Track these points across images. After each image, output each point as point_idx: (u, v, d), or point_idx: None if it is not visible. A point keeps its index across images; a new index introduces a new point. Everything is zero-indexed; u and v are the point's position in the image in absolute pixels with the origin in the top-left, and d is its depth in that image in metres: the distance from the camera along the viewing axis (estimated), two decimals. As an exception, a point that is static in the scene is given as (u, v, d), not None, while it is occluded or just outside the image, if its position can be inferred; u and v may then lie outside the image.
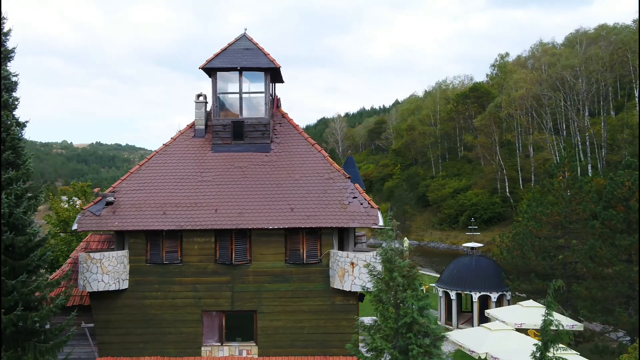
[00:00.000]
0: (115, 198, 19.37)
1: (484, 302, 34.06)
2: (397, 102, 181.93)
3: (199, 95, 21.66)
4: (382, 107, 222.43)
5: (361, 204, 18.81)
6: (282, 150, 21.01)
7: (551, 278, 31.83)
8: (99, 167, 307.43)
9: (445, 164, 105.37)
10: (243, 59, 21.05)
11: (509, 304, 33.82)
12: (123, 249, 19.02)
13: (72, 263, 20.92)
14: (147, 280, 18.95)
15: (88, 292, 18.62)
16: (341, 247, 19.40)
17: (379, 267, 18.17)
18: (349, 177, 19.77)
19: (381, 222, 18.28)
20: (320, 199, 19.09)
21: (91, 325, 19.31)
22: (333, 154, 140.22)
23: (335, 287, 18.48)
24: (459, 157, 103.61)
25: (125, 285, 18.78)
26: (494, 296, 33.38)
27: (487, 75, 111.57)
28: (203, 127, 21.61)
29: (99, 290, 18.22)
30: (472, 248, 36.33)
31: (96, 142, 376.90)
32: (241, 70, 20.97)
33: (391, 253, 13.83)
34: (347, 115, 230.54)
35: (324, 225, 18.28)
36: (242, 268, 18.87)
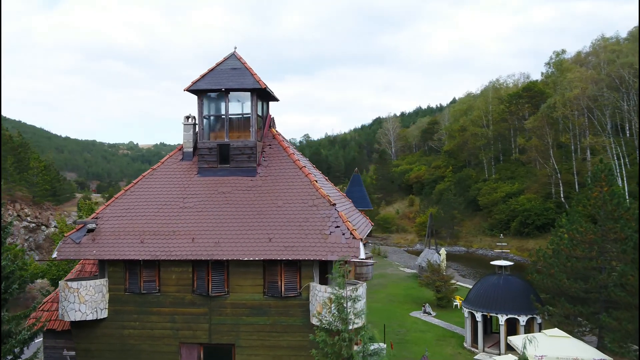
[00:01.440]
0: (97, 225, 19.13)
1: (513, 326, 31.91)
2: (454, 101, 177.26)
3: (187, 117, 21.15)
4: (438, 105, 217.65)
5: (343, 234, 17.65)
6: (269, 174, 20.16)
7: (584, 303, 29.43)
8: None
9: (498, 166, 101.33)
10: (229, 79, 20.34)
11: (539, 329, 31.58)
12: (104, 277, 18.75)
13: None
14: (125, 310, 18.60)
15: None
16: (324, 279, 18.31)
17: (361, 303, 17.03)
18: (333, 204, 18.65)
19: (362, 255, 17.07)
20: (301, 227, 18.09)
21: (72, 353, 19.17)
22: (384, 155, 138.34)
23: (314, 323, 17.43)
24: (512, 160, 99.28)
25: (104, 314, 18.50)
26: (522, 319, 31.18)
27: (541, 73, 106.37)
28: (191, 149, 21.08)
29: (76, 320, 18.01)
30: (501, 266, 34.12)
31: (160, 143, 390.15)
32: (226, 91, 20.25)
33: (341, 304, 12.58)
34: (402, 114, 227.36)
35: (300, 257, 17.27)
36: (220, 300, 18.16)
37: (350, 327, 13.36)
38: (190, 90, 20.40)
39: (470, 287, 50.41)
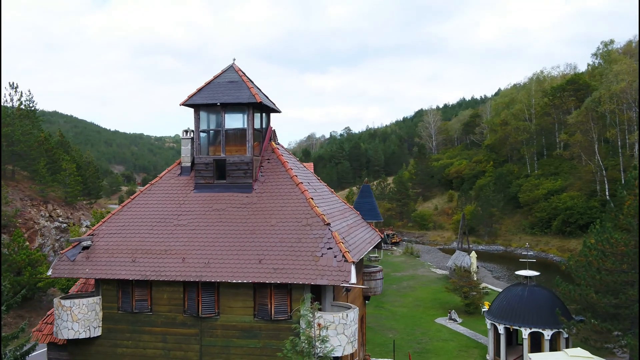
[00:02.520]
0: (92, 242, 19.10)
1: (538, 340, 30.50)
2: (499, 92, 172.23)
3: (185, 131, 20.84)
4: (482, 97, 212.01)
5: (335, 256, 16.95)
6: (265, 191, 19.62)
7: (614, 319, 27.77)
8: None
9: (541, 161, 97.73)
10: (225, 93, 19.89)
11: (566, 344, 30.08)
12: (98, 295, 18.72)
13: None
14: (118, 328, 18.52)
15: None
16: (318, 301, 17.65)
17: (351, 329, 16.34)
18: (327, 224, 17.94)
19: (353, 279, 16.33)
20: (292, 248, 17.49)
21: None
22: (423, 149, 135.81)
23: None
24: (556, 155, 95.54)
25: (97, 332, 18.47)
26: (547, 334, 29.73)
27: (587, 65, 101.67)
28: (189, 164, 20.79)
29: (70, 338, 18.05)
30: (527, 277, 32.59)
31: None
32: (222, 105, 19.80)
33: (305, 344, 11.92)
34: (445, 106, 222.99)
35: (289, 281, 16.69)
36: (210, 321, 17.82)
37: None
38: (186, 104, 20.06)
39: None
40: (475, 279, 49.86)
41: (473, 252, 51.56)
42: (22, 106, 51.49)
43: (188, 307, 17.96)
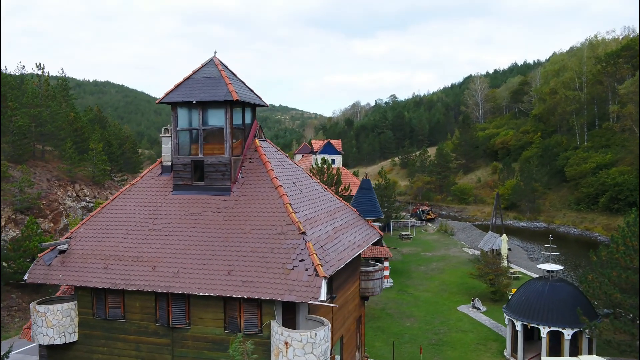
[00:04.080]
0: (69, 246, 18.73)
1: (558, 339, 28.73)
2: (554, 56, 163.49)
3: (165, 129, 19.98)
4: (535, 61, 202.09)
5: (306, 270, 15.87)
6: (243, 194, 18.62)
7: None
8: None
9: (592, 133, 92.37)
10: (202, 90, 18.82)
11: (589, 345, 28.26)
12: (74, 300, 18.43)
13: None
14: (94, 335, 18.22)
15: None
16: (291, 316, 16.75)
17: (321, 348, 15.39)
18: (303, 232, 16.81)
19: (323, 296, 15.24)
20: (264, 259, 16.52)
21: (49, 373, 19.20)
22: (467, 119, 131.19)
23: (273, 364, 16.02)
24: (608, 127, 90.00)
25: (73, 338, 18.23)
26: (567, 333, 27.97)
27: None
28: (170, 164, 19.96)
29: (44, 344, 17.89)
30: (549, 271, 30.58)
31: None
32: (199, 103, 18.76)
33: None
34: (495, 72, 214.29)
35: (256, 295, 15.77)
36: (182, 332, 17.21)
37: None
38: (162, 102, 19.13)
39: (535, 276, 46.51)
40: (505, 263, 47.84)
41: (504, 235, 49.26)
42: (50, 86, 52.07)
43: (159, 317, 17.39)
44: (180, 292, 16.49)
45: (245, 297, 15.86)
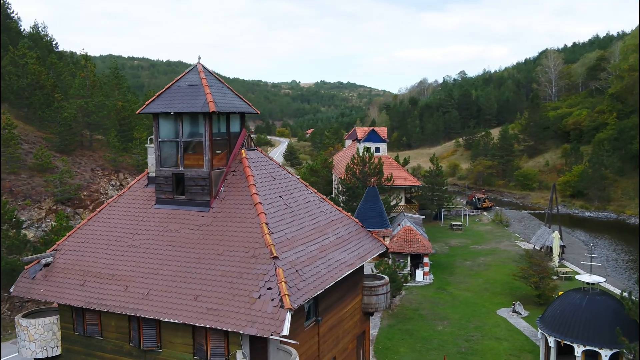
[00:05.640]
0: (54, 259, 18.62)
1: (594, 358, 26.21)
2: (636, 29, 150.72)
3: (150, 139, 19.33)
4: (620, 33, 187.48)
5: (272, 300, 14.78)
6: (222, 210, 17.69)
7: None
8: (319, 106, 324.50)
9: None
10: (181, 100, 17.92)
11: (629, 367, 25.51)
12: (56, 315, 18.36)
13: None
14: (75, 350, 18.10)
15: (24, 355, 18.53)
16: (262, 344, 15.74)
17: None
18: (274, 257, 15.69)
19: (285, 331, 14.12)
20: (232, 285, 15.59)
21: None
22: (537, 98, 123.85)
23: (239, 396, 15.17)
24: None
25: (56, 352, 18.21)
26: (605, 354, 25.48)
27: None
28: (155, 175, 19.32)
29: (27, 357, 17.96)
30: (589, 283, 27.82)
31: (320, 81, 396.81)
32: (178, 114, 17.90)
33: None
34: (574, 45, 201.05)
35: (218, 325, 14.89)
36: (154, 354, 16.69)
37: None
38: (142, 113, 18.43)
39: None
40: (556, 262, 44.66)
41: (556, 232, 45.83)
42: (97, 77, 53.21)
43: (132, 338, 16.94)
44: (146, 317, 15.91)
45: (207, 326, 15.02)
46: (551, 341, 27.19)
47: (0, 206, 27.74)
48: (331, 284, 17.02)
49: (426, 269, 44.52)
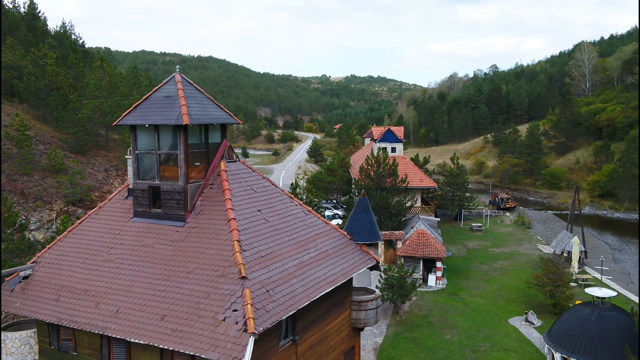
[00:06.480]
0: (32, 271, 18.52)
1: (603, 377, 24.92)
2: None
3: (130, 150, 18.98)
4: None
5: (236, 323, 14.25)
6: (197, 225, 17.23)
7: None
8: (348, 100, 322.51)
9: None
10: (157, 112, 17.50)
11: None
12: (33, 328, 18.26)
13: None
14: (52, 364, 17.97)
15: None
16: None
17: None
18: (243, 277, 15.15)
19: (247, 357, 13.58)
20: (198, 306, 15.12)
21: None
22: (568, 93, 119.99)
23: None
24: None
25: (34, 365, 18.13)
26: (613, 373, 24.09)
27: None
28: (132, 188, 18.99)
29: (5, 370, 17.94)
30: (599, 297, 26.46)
31: (351, 75, 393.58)
32: (154, 126, 17.49)
33: None
34: (611, 37, 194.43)
35: (181, 348, 14.43)
36: (124, 372, 16.39)
37: None
38: (119, 124, 18.09)
39: (614, 286, 41.27)
40: (575, 269, 42.99)
41: (576, 237, 44.06)
42: (111, 77, 53.54)
43: (104, 355, 16.68)
44: (113, 336, 15.59)
45: (170, 348, 14.60)
46: (557, 357, 25.99)
47: None
48: (306, 304, 16.38)
49: (439, 273, 43.43)
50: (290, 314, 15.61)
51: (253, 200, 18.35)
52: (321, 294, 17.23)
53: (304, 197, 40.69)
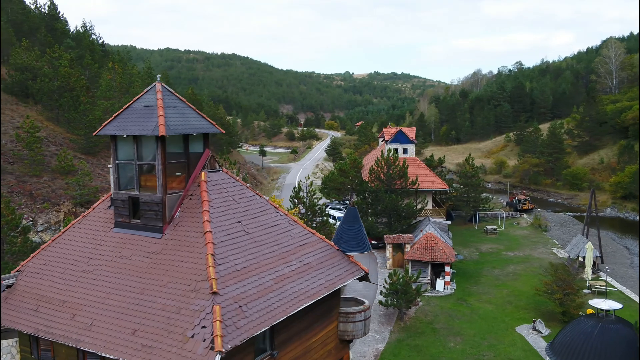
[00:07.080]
0: (16, 280, 18.57)
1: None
2: None
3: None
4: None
5: (204, 340, 13.99)
6: (174, 237, 17.02)
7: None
8: (371, 97, 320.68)
9: None
10: (135, 122, 17.34)
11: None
12: (15, 337, 18.29)
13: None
14: (33, 374, 17.99)
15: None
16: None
17: None
18: (214, 292, 14.88)
19: (211, 376, 13.32)
20: (169, 321, 14.90)
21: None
22: (593, 91, 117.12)
23: None
24: None
25: (15, 374, 18.18)
26: (615, 389, 23.20)
27: None
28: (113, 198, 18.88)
29: (-13, 379, 18.02)
30: (602, 309, 25.50)
31: (374, 72, 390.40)
32: (133, 136, 17.34)
33: None
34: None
35: (147, 365, 14.26)
36: (99, 385, 16.29)
37: None
38: (99, 134, 17.99)
39: (630, 293, 39.98)
40: (589, 276, 41.76)
41: (589, 243, 42.80)
42: (125, 74, 53.94)
43: (79, 367, 16.62)
44: (85, 349, 15.49)
45: (138, 365, 14.42)
46: (559, 371, 25.16)
47: (0, 213, 28.26)
48: (282, 319, 16.04)
49: (447, 278, 42.69)
50: (263, 330, 15.29)
51: (233, 211, 18.07)
52: (299, 309, 16.86)
53: (307, 201, 40.32)
